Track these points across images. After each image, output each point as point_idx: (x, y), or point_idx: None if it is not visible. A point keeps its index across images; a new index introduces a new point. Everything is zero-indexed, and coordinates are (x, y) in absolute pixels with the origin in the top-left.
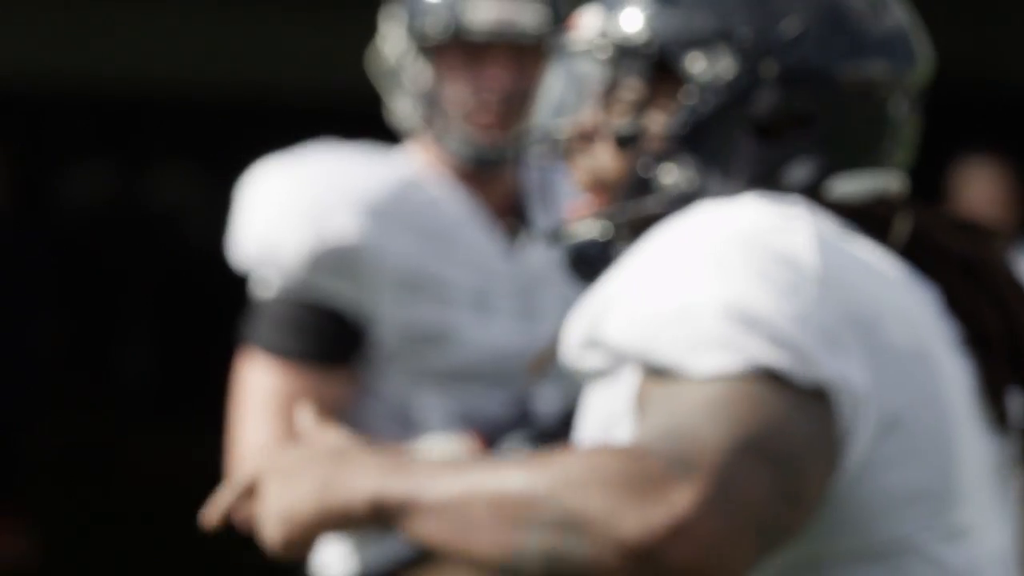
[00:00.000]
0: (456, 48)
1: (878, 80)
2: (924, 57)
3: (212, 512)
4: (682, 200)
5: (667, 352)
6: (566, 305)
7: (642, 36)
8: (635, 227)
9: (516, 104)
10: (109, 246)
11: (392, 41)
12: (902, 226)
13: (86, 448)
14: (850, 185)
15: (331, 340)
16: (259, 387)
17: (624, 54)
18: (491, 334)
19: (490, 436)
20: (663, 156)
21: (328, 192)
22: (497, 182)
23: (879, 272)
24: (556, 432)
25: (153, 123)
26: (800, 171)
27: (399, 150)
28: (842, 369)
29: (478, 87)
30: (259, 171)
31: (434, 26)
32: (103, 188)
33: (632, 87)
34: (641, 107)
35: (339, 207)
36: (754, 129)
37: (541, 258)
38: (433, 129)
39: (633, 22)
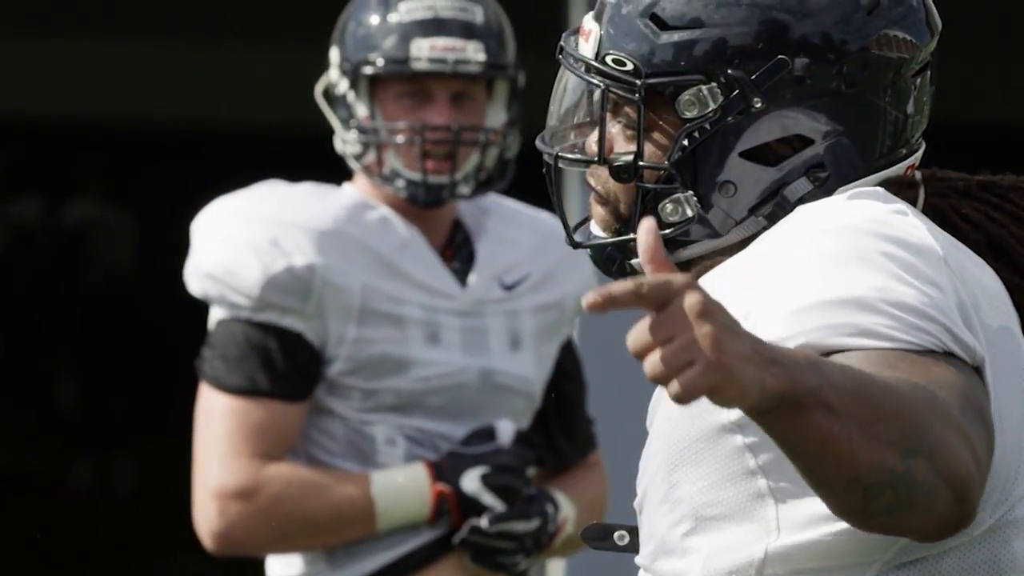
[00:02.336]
0: (397, 82)
1: (898, 60)
2: (936, 25)
3: (599, 297)
4: (686, 224)
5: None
6: (511, 337)
7: (635, 71)
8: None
9: (459, 140)
10: (27, 271)
11: (333, 72)
12: (916, 203)
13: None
14: (863, 184)
15: (291, 372)
16: (224, 425)
17: (617, 85)
18: (442, 364)
19: (447, 468)
20: (664, 186)
21: (283, 223)
22: (439, 213)
23: (964, 251)
24: (514, 466)
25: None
26: (801, 187)
27: (344, 183)
28: (978, 346)
29: (419, 123)
30: (213, 206)
31: (374, 59)
32: (23, 214)
33: (627, 116)
34: (637, 137)
35: (295, 236)
36: (752, 154)
37: (484, 289)
38: (375, 164)
39: (626, 55)
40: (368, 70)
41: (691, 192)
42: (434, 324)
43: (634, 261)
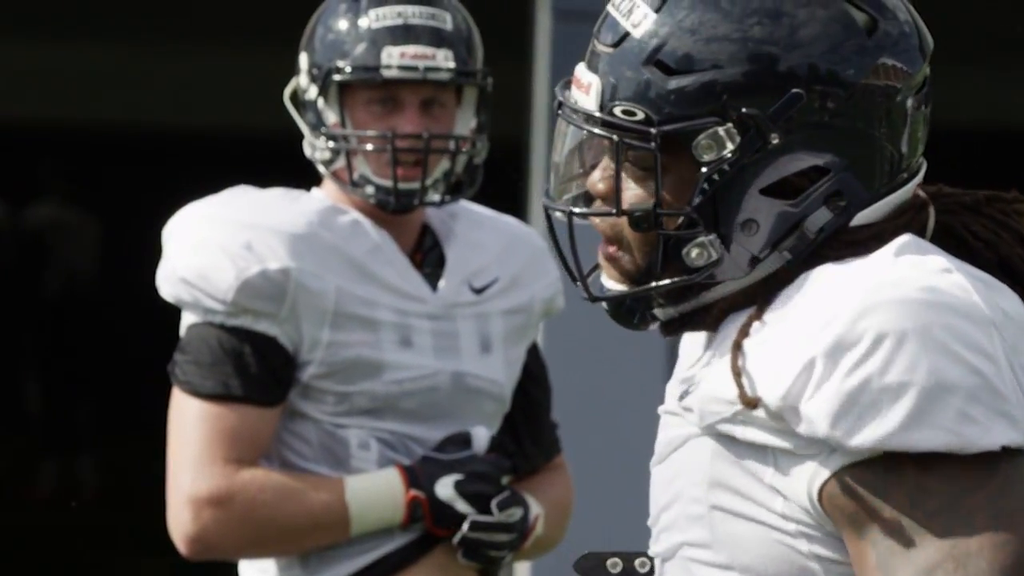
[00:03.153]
0: (367, 89)
1: (891, 89)
2: (928, 48)
3: None
4: (713, 267)
5: (916, 437)
6: (481, 341)
7: (647, 119)
8: (672, 293)
9: (429, 148)
10: None
11: (303, 78)
12: (928, 223)
13: None
14: (876, 210)
15: (265, 377)
16: (197, 430)
17: (630, 136)
18: (414, 367)
19: (421, 474)
20: (686, 231)
21: (256, 227)
22: (408, 218)
23: (994, 284)
24: (488, 474)
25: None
26: (821, 217)
27: (312, 187)
28: None
29: (389, 131)
30: (184, 211)
31: (344, 65)
32: None
33: (641, 165)
34: (655, 186)
35: (269, 240)
36: (771, 189)
37: (455, 293)
38: (344, 170)
39: (635, 104)
40: (338, 77)
41: (714, 234)
42: (406, 327)
43: (657, 310)
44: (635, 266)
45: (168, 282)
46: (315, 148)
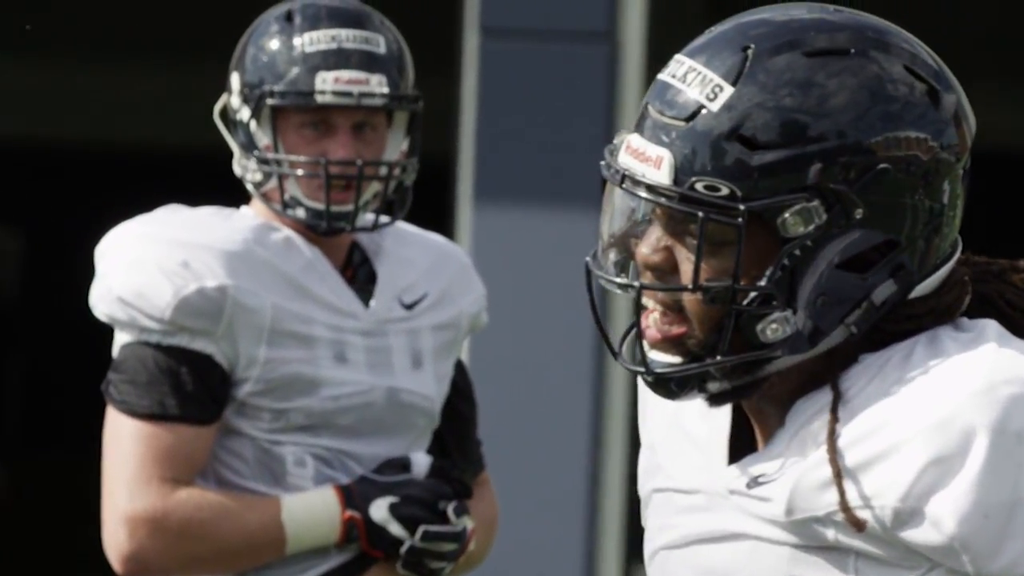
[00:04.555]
0: (299, 113)
1: (956, 164)
2: (974, 127)
3: None
4: (785, 343)
5: None
6: (412, 356)
7: (732, 195)
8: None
9: (363, 175)
10: None
11: (234, 98)
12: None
13: None
14: (929, 284)
15: (201, 395)
16: (133, 450)
17: (715, 212)
18: (350, 383)
19: (357, 495)
20: (758, 307)
21: (192, 245)
22: (338, 237)
23: None
24: (424, 499)
25: None
26: (887, 289)
27: (244, 206)
28: None
29: (321, 153)
30: (117, 230)
31: (278, 89)
32: None
33: (710, 239)
34: (736, 261)
35: (205, 258)
36: (845, 264)
37: (387, 309)
38: (276, 191)
39: (719, 180)
40: (271, 101)
41: (790, 310)
42: (341, 344)
43: (712, 385)
44: (695, 340)
45: (103, 301)
46: (246, 169)
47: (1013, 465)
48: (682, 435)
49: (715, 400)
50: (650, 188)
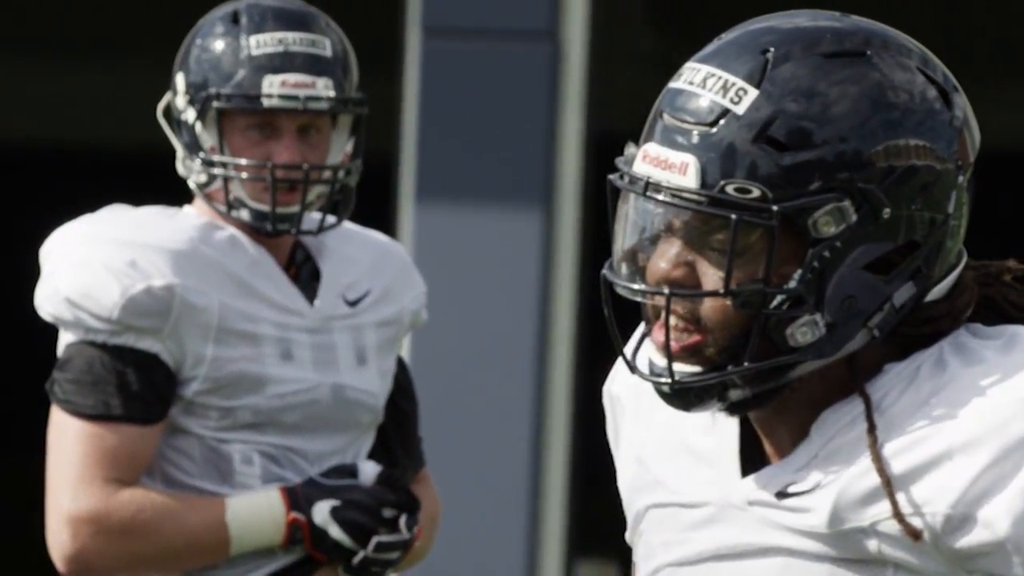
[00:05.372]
0: (245, 115)
1: (966, 167)
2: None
3: None
4: (813, 347)
5: None
6: (356, 353)
7: (763, 196)
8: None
9: (308, 179)
10: None
11: (179, 99)
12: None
13: None
14: (942, 287)
15: (146, 395)
16: (77, 450)
17: (748, 214)
18: (296, 381)
19: (301, 497)
20: (787, 310)
21: (139, 244)
22: (281, 236)
23: None
24: (366, 504)
25: None
26: (907, 292)
27: (187, 205)
28: None
29: (266, 159)
30: (62, 230)
31: (224, 92)
32: None
33: (720, 241)
34: (767, 264)
35: (152, 258)
36: (870, 265)
37: (331, 306)
38: (220, 192)
39: (750, 182)
40: (218, 104)
41: (819, 313)
42: (287, 341)
43: (733, 393)
44: (714, 348)
45: (49, 302)
46: (191, 170)
47: None
48: (683, 449)
49: (734, 409)
50: (676, 195)
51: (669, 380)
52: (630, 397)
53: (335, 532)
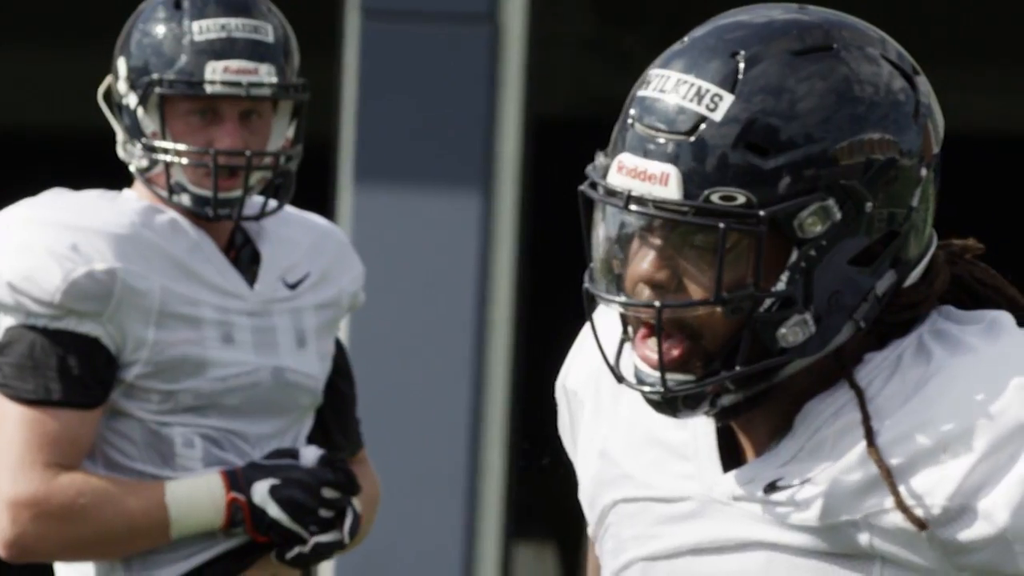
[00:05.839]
0: (187, 101)
1: (935, 153)
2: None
3: None
4: (804, 346)
5: None
6: (296, 335)
7: (748, 203)
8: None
9: (251, 165)
10: None
11: (121, 84)
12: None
13: None
14: (917, 272)
15: (87, 379)
16: (17, 435)
17: (735, 222)
18: (237, 364)
19: (241, 478)
20: (777, 312)
21: (81, 228)
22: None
23: None
24: (305, 482)
25: None
26: (888, 280)
27: (127, 189)
28: None
29: (207, 145)
30: (2, 215)
31: (166, 78)
32: None
33: (701, 247)
34: (756, 269)
35: (94, 241)
36: (856, 261)
37: (272, 289)
38: (161, 176)
39: (734, 189)
40: (160, 90)
41: (809, 312)
42: (228, 324)
43: (725, 399)
44: (703, 354)
45: None
46: (132, 154)
47: None
48: (653, 443)
49: (725, 414)
50: (660, 207)
51: (661, 390)
52: (588, 391)
53: (274, 511)
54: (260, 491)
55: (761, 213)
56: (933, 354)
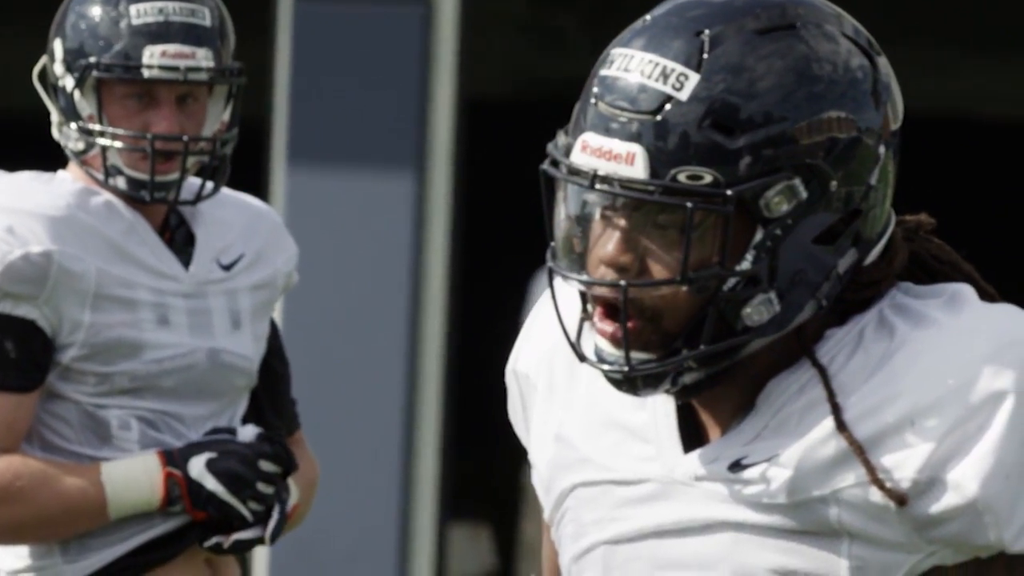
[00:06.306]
0: (124, 84)
1: (894, 131)
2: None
3: None
4: (768, 324)
5: None
6: (231, 317)
7: (715, 182)
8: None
9: (188, 150)
10: None
11: (57, 66)
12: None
13: None
14: (876, 250)
15: (23, 362)
16: None
17: (702, 201)
18: (172, 346)
19: (178, 455)
20: (742, 290)
21: (15, 211)
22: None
23: None
24: (242, 454)
25: None
26: (849, 258)
27: (61, 170)
28: None
29: (143, 128)
30: None
31: (104, 61)
32: None
33: (680, 229)
34: (722, 248)
35: (29, 224)
36: (820, 239)
37: (206, 270)
38: (97, 158)
39: (701, 168)
40: (97, 73)
41: (774, 291)
42: (163, 306)
43: (687, 377)
44: (665, 331)
45: None
46: (68, 137)
47: None
48: (612, 425)
49: (686, 392)
50: (626, 186)
51: (626, 369)
52: (540, 375)
53: (211, 483)
54: (197, 465)
55: (728, 192)
56: (896, 328)
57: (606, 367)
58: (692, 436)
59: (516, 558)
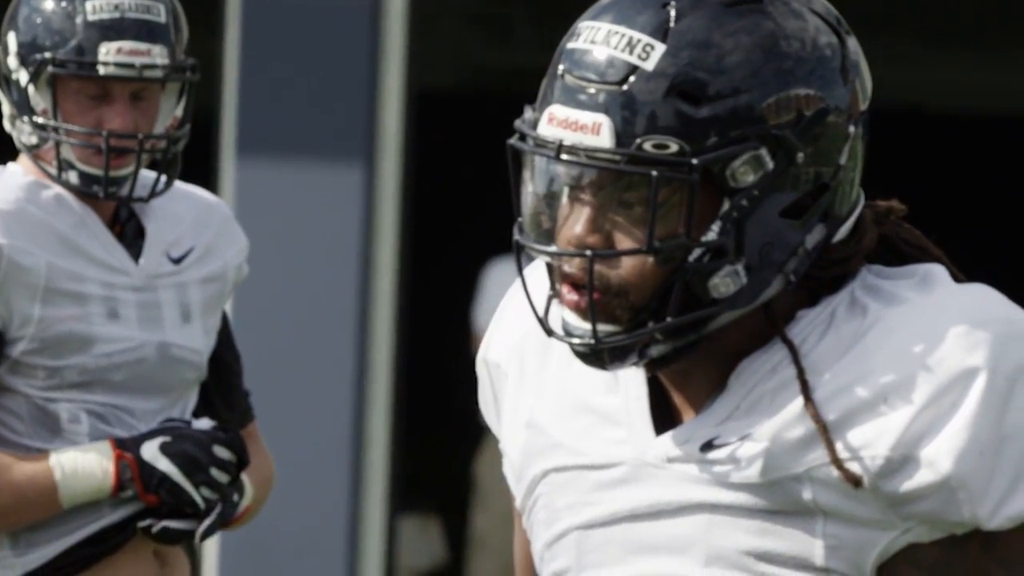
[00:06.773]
0: (78, 80)
1: (862, 108)
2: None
3: None
4: (735, 297)
5: None
6: (181, 310)
7: (681, 151)
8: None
9: (143, 148)
10: None
11: (11, 59)
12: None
13: None
14: (845, 228)
15: None
16: None
17: (668, 170)
18: (122, 340)
19: (130, 441)
20: (708, 262)
21: None
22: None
23: None
24: (194, 436)
25: None
26: (818, 234)
27: (11, 163)
28: None
29: (97, 124)
30: None
31: (59, 57)
32: None
33: (635, 197)
34: (687, 217)
35: None
36: (787, 214)
37: (156, 264)
38: (49, 152)
39: (667, 137)
40: (53, 69)
41: (741, 263)
42: (113, 300)
43: (654, 349)
44: (631, 305)
45: None
46: (20, 131)
47: (1001, 402)
48: (583, 409)
49: (654, 365)
50: (592, 156)
51: (592, 342)
52: (511, 363)
53: (164, 464)
54: (150, 448)
55: (694, 161)
56: (868, 307)
57: (574, 340)
58: (665, 419)
59: (466, 551)
